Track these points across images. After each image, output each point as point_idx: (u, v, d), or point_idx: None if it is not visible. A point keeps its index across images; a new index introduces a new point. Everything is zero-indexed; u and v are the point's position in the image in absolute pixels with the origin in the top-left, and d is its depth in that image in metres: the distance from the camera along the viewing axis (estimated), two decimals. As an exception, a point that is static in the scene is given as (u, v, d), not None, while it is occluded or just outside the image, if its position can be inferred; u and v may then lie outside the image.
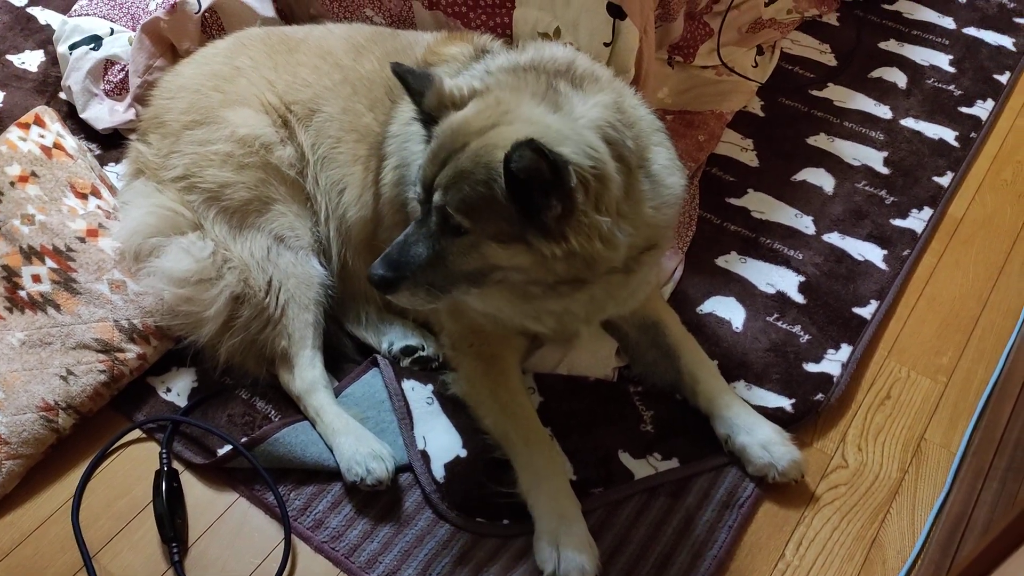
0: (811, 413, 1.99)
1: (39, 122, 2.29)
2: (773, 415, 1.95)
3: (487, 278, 1.64)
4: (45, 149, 2.21)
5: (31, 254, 2.02)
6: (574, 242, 1.54)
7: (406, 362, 2.04)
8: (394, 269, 1.59)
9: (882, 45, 2.96)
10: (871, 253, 2.34)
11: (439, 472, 1.87)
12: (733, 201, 2.46)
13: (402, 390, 1.99)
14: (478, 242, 1.57)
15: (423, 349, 2.04)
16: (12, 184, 2.12)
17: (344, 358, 2.09)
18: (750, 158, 2.58)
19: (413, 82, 1.64)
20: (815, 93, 2.78)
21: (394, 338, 2.07)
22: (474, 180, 1.52)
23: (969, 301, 2.28)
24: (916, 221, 2.42)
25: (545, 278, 1.62)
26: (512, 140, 1.47)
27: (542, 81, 1.64)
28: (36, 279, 2.00)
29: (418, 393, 1.99)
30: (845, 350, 2.11)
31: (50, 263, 2.01)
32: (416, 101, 1.65)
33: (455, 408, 1.96)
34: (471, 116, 1.58)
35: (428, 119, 1.65)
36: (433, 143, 1.60)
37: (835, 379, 2.05)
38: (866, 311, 2.20)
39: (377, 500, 1.85)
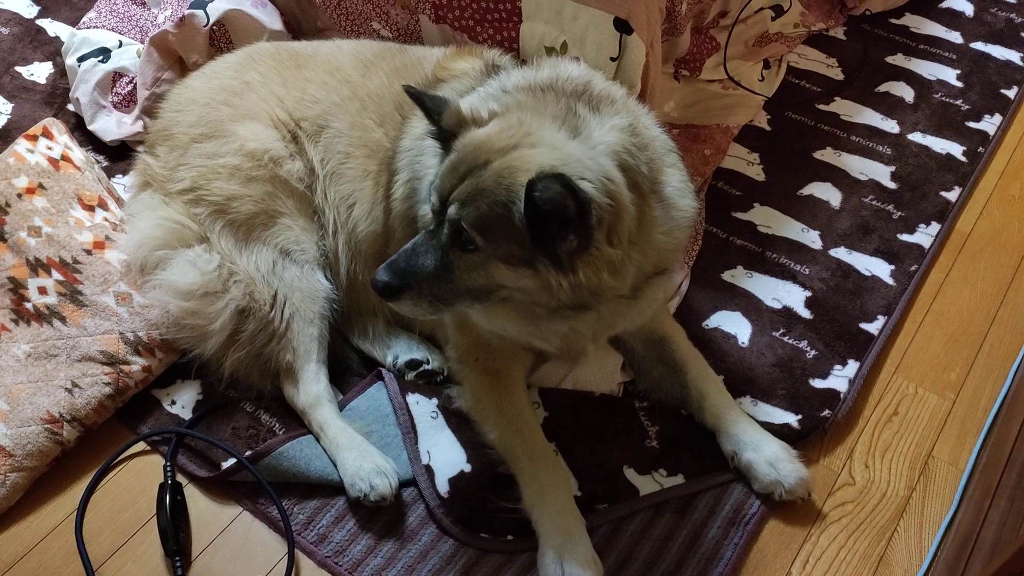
0: (818, 429, 1.98)
1: (47, 134, 2.30)
2: (779, 431, 1.94)
3: (491, 295, 1.64)
4: (53, 161, 2.22)
5: (37, 266, 2.03)
6: (582, 275, 1.54)
7: (411, 376, 2.04)
8: (399, 277, 1.59)
9: (889, 59, 2.96)
10: (878, 268, 2.33)
11: (443, 487, 1.86)
12: (739, 215, 2.46)
13: (407, 404, 1.99)
14: (486, 260, 1.57)
15: (428, 363, 2.04)
16: (19, 196, 2.13)
17: (349, 372, 2.09)
18: (756, 172, 2.58)
19: (429, 103, 1.64)
20: (822, 107, 2.78)
21: (399, 351, 2.06)
22: (493, 200, 1.52)
23: (977, 317, 2.26)
24: (924, 236, 2.41)
25: (548, 303, 1.62)
26: (536, 165, 1.48)
27: (561, 103, 1.64)
28: (42, 291, 2.01)
29: (423, 407, 1.99)
30: (852, 366, 2.10)
31: (56, 275, 2.02)
32: (433, 121, 1.65)
33: (460, 422, 1.95)
34: (493, 134, 1.58)
35: (444, 136, 1.65)
36: (453, 156, 1.60)
37: (842, 395, 2.04)
38: (873, 327, 2.19)
39: (381, 515, 1.85)
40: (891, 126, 2.73)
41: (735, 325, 2.19)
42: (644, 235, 1.63)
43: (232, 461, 1.88)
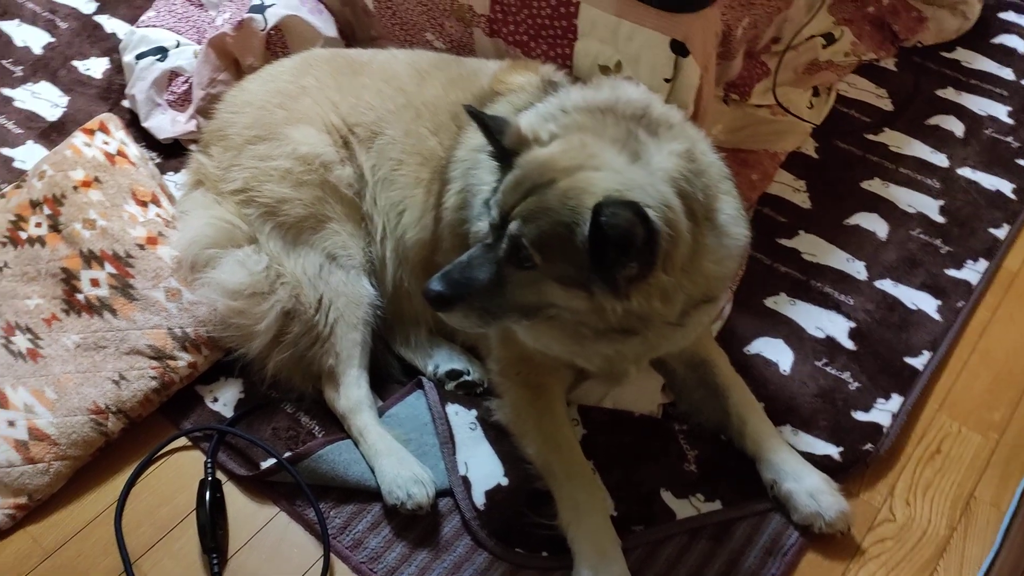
0: (859, 463, 1.96)
1: (104, 129, 2.34)
2: (820, 463, 1.92)
3: (541, 312, 1.64)
4: (109, 156, 2.25)
5: (91, 258, 2.06)
6: (634, 301, 1.55)
7: (451, 386, 2.04)
8: (452, 288, 1.60)
9: (940, 92, 2.94)
10: (924, 303, 2.30)
11: (480, 499, 1.86)
12: (784, 242, 2.44)
13: (446, 414, 1.99)
14: (541, 278, 1.58)
15: (468, 374, 2.04)
16: (75, 188, 2.16)
17: (389, 378, 2.10)
18: (802, 199, 2.57)
19: (490, 123, 1.64)
20: (871, 137, 2.76)
21: (440, 361, 2.07)
22: (556, 219, 1.52)
23: (1023, 357, 2.23)
24: (971, 272, 2.39)
25: (596, 324, 1.62)
26: (601, 188, 1.49)
27: (621, 127, 1.65)
28: (94, 283, 2.03)
29: (462, 418, 1.99)
30: (896, 400, 2.08)
31: (109, 268, 2.05)
32: (492, 140, 1.66)
33: (498, 435, 1.95)
34: (557, 154, 1.59)
35: (504, 155, 1.66)
36: (516, 172, 1.60)
37: (885, 429, 2.01)
38: (918, 361, 2.16)
39: (416, 523, 1.85)
40: (940, 160, 2.71)
41: (777, 352, 2.17)
42: (696, 263, 1.63)
43: (271, 461, 1.89)
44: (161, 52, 2.64)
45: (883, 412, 2.05)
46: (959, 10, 3.10)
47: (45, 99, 2.72)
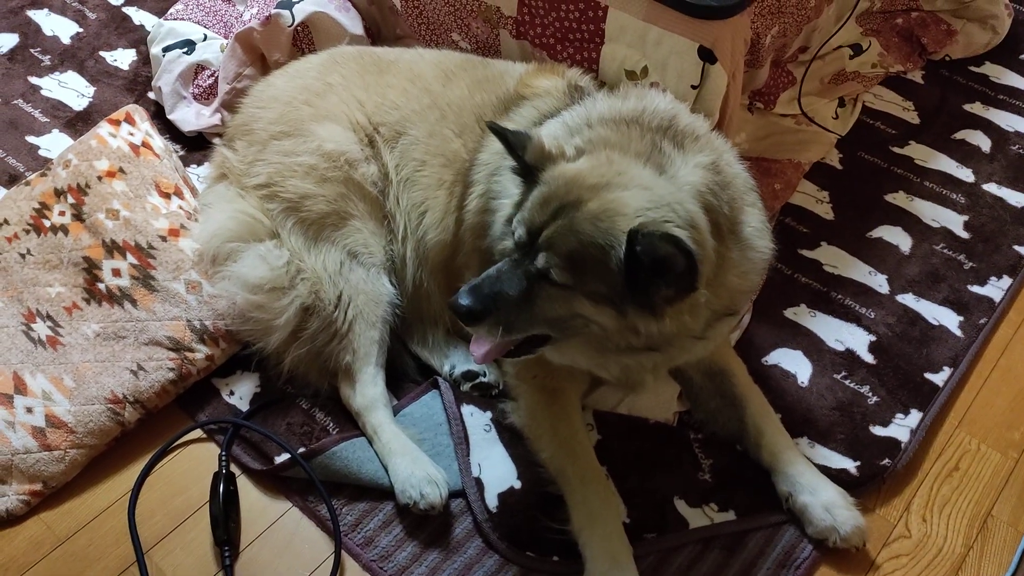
0: (876, 478, 1.94)
1: (129, 120, 2.35)
2: (836, 477, 1.91)
3: (568, 325, 1.63)
4: (133, 147, 2.26)
5: (113, 248, 2.07)
6: (668, 320, 1.56)
7: (466, 387, 2.04)
8: (481, 302, 1.59)
9: (967, 107, 2.91)
10: (946, 318, 2.28)
11: (492, 501, 1.86)
12: (805, 253, 2.43)
13: (461, 415, 1.99)
14: (572, 296, 1.57)
15: (484, 375, 2.04)
16: (100, 178, 2.18)
17: (405, 377, 2.10)
18: (825, 210, 2.55)
19: (512, 139, 1.63)
20: (896, 150, 2.74)
21: (456, 361, 2.07)
22: (588, 241, 1.52)
23: (1045, 377, 2.21)
24: (995, 289, 2.36)
25: (622, 342, 1.62)
26: (632, 210, 1.50)
27: (646, 140, 1.64)
28: (116, 273, 2.04)
29: (476, 419, 1.99)
30: (915, 416, 2.06)
31: (131, 259, 2.06)
32: (515, 156, 1.64)
33: (512, 438, 1.95)
34: (585, 171, 1.58)
35: (527, 169, 1.64)
36: (542, 189, 1.59)
37: (903, 445, 1.99)
38: (938, 377, 2.14)
39: (428, 523, 1.85)
40: (966, 175, 2.68)
41: (795, 364, 2.16)
42: (720, 277, 1.63)
43: (285, 456, 1.89)
44: (188, 45, 2.65)
45: (901, 427, 2.03)
46: (989, 24, 3.07)
47: (72, 89, 2.75)
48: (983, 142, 2.80)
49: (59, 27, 2.95)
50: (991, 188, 2.65)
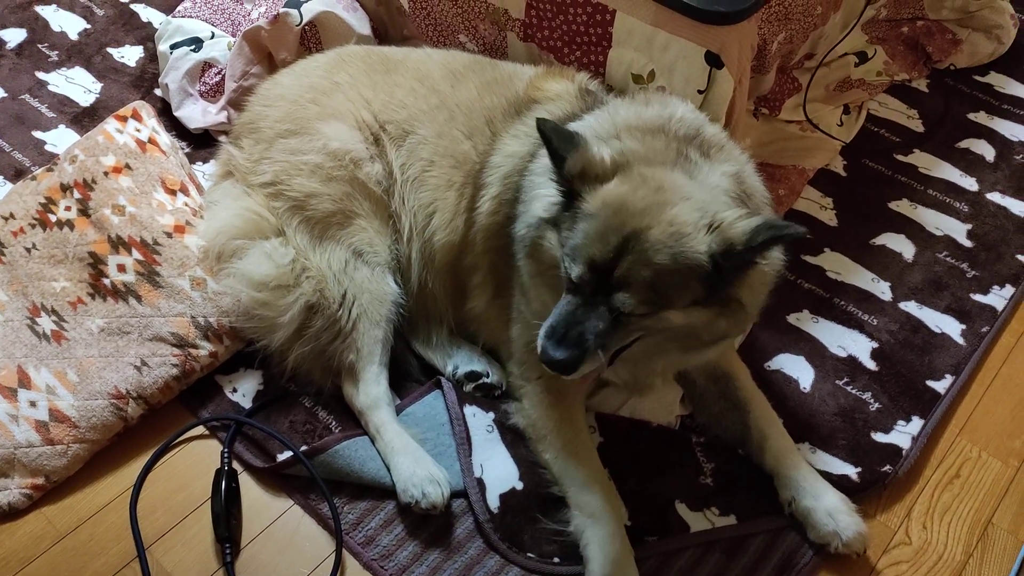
0: (877, 484, 1.94)
1: (136, 116, 2.35)
2: (837, 483, 1.91)
3: (656, 329, 1.63)
4: (140, 143, 2.27)
5: (119, 244, 2.07)
6: (744, 293, 1.63)
7: (469, 387, 2.04)
8: (571, 348, 1.56)
9: (971, 116, 2.92)
10: (949, 326, 2.28)
11: (494, 502, 1.86)
12: (809, 259, 2.43)
13: (463, 415, 1.99)
14: (657, 313, 1.58)
15: (488, 376, 2.04)
16: (106, 174, 2.18)
17: (408, 376, 2.10)
18: (829, 217, 2.55)
19: (557, 143, 1.60)
20: (900, 158, 2.75)
21: (459, 362, 2.07)
22: (666, 268, 1.52)
23: (1046, 385, 2.21)
24: (997, 298, 2.37)
25: (694, 337, 1.65)
26: (692, 222, 1.52)
27: (672, 148, 1.66)
28: (121, 268, 2.05)
29: (479, 420, 1.99)
30: (916, 423, 2.06)
31: (136, 254, 2.06)
32: (557, 163, 1.61)
33: (514, 439, 1.95)
34: (628, 196, 1.56)
35: (567, 185, 1.62)
36: (593, 222, 1.56)
37: (904, 452, 2.00)
38: (940, 385, 2.14)
39: (429, 523, 1.85)
40: (970, 183, 2.69)
41: (798, 369, 2.16)
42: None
43: (288, 454, 1.89)
44: (196, 43, 2.66)
45: (903, 434, 2.04)
46: (994, 34, 3.07)
47: (79, 84, 2.75)
48: (987, 151, 2.80)
49: (67, 23, 2.95)
50: (994, 197, 2.65)
